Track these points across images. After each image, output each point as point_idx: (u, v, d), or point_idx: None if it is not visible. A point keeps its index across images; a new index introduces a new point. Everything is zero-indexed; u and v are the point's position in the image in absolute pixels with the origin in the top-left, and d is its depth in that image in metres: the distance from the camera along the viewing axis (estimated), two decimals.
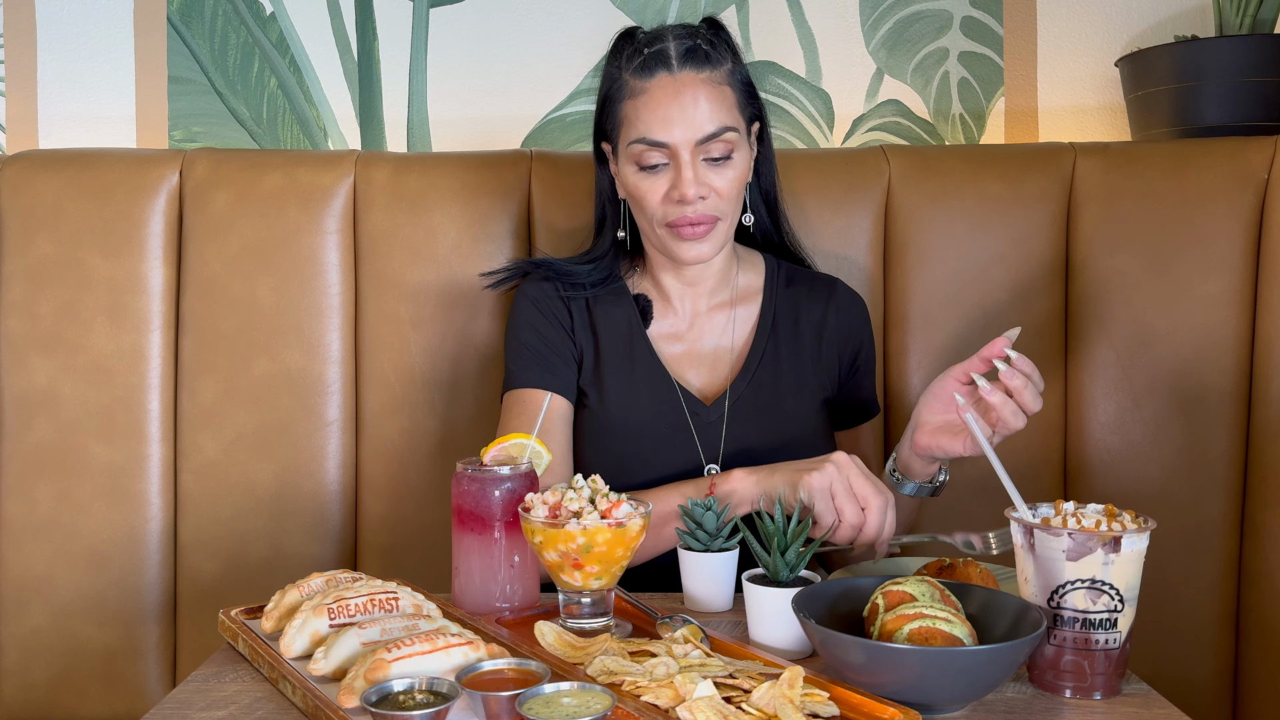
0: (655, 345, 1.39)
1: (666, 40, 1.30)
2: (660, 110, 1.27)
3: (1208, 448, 1.52)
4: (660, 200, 1.29)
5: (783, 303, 1.42)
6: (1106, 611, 0.94)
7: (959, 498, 1.56)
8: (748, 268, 1.44)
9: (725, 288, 1.42)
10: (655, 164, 1.28)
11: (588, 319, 1.40)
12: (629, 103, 1.30)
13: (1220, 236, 1.52)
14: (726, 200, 1.30)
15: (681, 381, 1.37)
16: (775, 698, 0.85)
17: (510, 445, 1.18)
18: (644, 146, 1.28)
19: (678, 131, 1.26)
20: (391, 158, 1.64)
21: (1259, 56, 1.61)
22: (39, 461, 1.58)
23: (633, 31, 1.34)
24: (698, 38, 1.30)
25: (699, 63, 1.28)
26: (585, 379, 1.38)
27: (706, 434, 1.35)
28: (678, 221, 1.28)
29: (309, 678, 0.93)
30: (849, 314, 1.44)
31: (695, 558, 1.14)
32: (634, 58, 1.30)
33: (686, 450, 1.34)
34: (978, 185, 1.57)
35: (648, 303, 1.41)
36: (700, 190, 1.27)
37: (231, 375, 1.59)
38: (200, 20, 1.94)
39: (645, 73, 1.28)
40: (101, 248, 1.58)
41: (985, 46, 1.91)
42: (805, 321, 1.42)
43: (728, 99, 1.29)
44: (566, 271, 1.41)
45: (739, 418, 1.35)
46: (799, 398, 1.38)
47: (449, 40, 1.93)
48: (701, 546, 1.14)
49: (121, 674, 1.59)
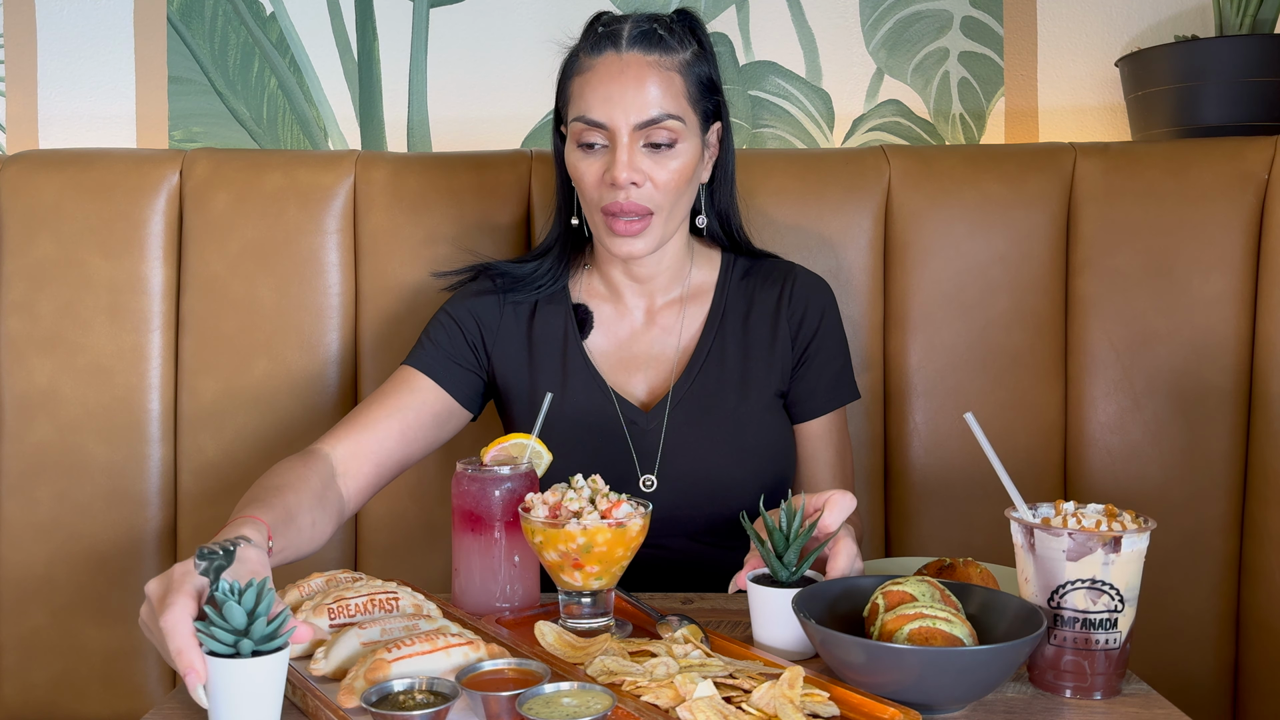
0: (593, 354, 1.35)
1: (625, 22, 1.27)
2: (602, 89, 1.23)
3: (1208, 448, 1.52)
4: (595, 183, 1.25)
5: (735, 297, 1.38)
6: (1106, 611, 0.94)
7: (959, 497, 1.56)
8: (703, 263, 1.40)
9: (678, 285, 1.38)
10: (594, 143, 1.25)
11: (526, 328, 1.37)
12: (576, 79, 1.27)
13: (1220, 236, 1.52)
14: (663, 193, 1.25)
15: (621, 389, 1.34)
16: (775, 698, 0.85)
17: (510, 445, 1.18)
18: (583, 125, 1.25)
19: (616, 112, 1.22)
20: (391, 158, 1.64)
21: (1259, 56, 1.61)
22: (39, 461, 1.58)
23: (602, 13, 1.32)
24: (656, 23, 1.27)
25: (649, 45, 1.25)
26: (516, 391, 1.36)
27: (643, 441, 1.31)
28: (610, 208, 1.24)
29: (309, 678, 0.93)
30: (804, 295, 1.36)
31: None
32: (590, 35, 1.28)
33: (620, 460, 1.31)
34: (978, 185, 1.57)
35: (587, 313, 1.37)
36: (633, 175, 1.22)
37: (231, 375, 1.59)
38: (200, 20, 1.94)
39: (594, 50, 1.26)
40: (101, 248, 1.58)
41: (985, 46, 1.91)
42: (758, 313, 1.36)
43: (675, 87, 1.25)
44: (515, 277, 1.38)
45: (679, 422, 1.32)
46: (746, 396, 1.33)
47: (449, 40, 1.93)
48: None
49: (121, 674, 1.59)
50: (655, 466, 1.31)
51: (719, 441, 1.31)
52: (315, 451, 1.25)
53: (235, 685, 0.82)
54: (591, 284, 1.40)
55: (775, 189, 1.58)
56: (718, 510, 1.32)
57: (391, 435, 1.30)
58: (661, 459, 1.31)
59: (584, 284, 1.40)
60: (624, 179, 1.22)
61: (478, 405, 1.39)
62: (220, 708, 0.83)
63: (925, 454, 1.57)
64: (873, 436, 1.59)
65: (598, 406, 1.33)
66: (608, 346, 1.37)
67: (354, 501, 1.28)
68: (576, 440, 1.30)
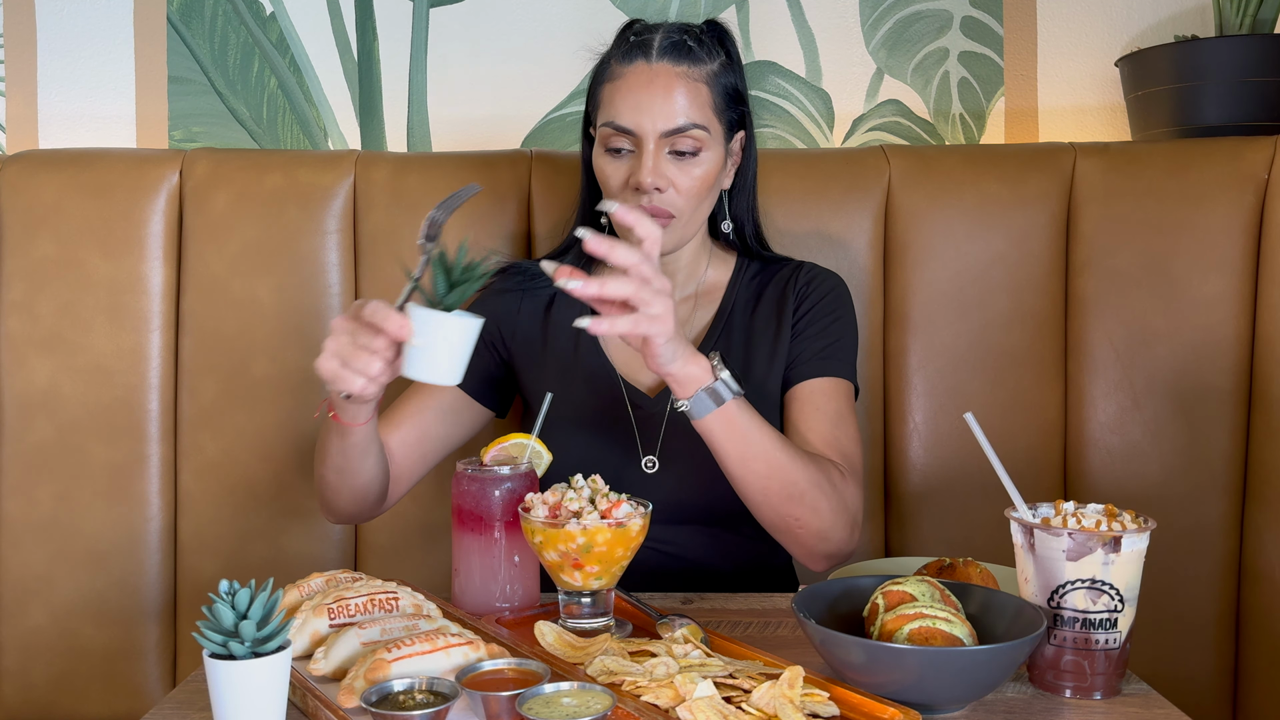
0: (604, 342, 1.39)
1: (656, 32, 1.31)
2: (631, 96, 1.28)
3: (1208, 448, 1.52)
4: (620, 186, 1.30)
5: (744, 294, 1.41)
6: (1106, 611, 0.94)
7: (959, 497, 1.56)
8: (719, 265, 1.44)
9: (692, 283, 1.42)
10: (620, 149, 1.30)
11: (542, 317, 1.42)
12: (607, 85, 1.32)
13: (1220, 236, 1.52)
14: (685, 198, 1.29)
15: (629, 376, 1.38)
16: (775, 698, 0.85)
17: (510, 445, 1.19)
18: (611, 130, 1.29)
19: (644, 119, 1.27)
20: (391, 158, 1.64)
21: (1259, 56, 1.61)
22: (39, 461, 1.58)
23: (635, 22, 1.36)
24: (687, 34, 1.31)
25: (678, 56, 1.29)
26: (530, 379, 1.40)
27: (647, 424, 1.35)
28: None
29: (309, 678, 0.93)
30: (808, 282, 1.39)
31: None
32: (622, 44, 1.33)
33: (624, 441, 1.34)
34: (978, 185, 1.58)
35: None
36: (658, 181, 1.27)
37: (231, 375, 1.59)
38: (200, 20, 1.94)
39: (626, 59, 1.30)
40: (101, 248, 1.58)
41: (985, 46, 1.91)
42: (764, 305, 1.39)
43: (702, 97, 1.29)
44: (534, 273, 1.43)
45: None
46: (748, 382, 1.33)
47: (449, 40, 1.93)
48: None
49: (121, 674, 1.59)
50: (657, 448, 1.34)
51: None
52: None
53: (236, 686, 0.82)
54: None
55: (775, 189, 1.58)
56: (717, 492, 1.32)
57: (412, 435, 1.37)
58: (663, 441, 1.34)
59: None
60: (649, 184, 1.27)
61: (496, 402, 1.44)
62: (222, 708, 0.83)
63: (925, 454, 1.57)
64: (873, 436, 1.59)
65: (605, 390, 1.37)
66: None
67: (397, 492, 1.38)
68: (582, 421, 1.34)
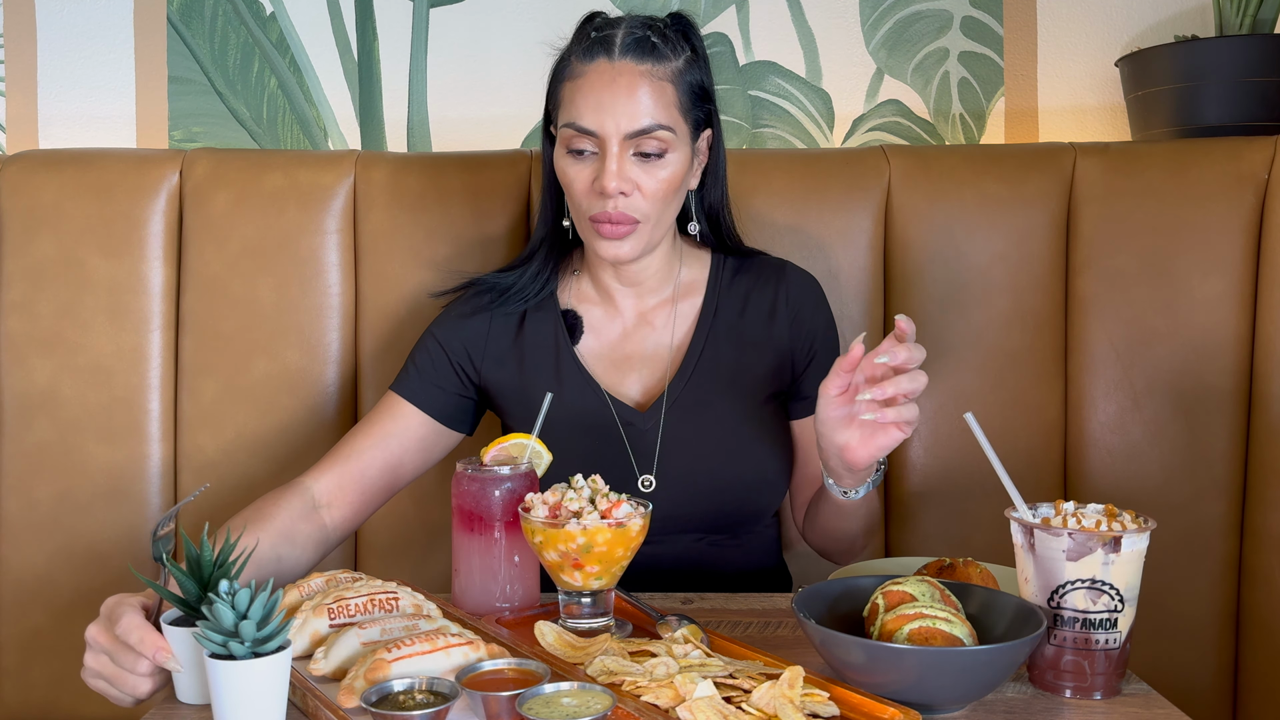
0: (585, 359, 1.35)
1: (619, 27, 1.26)
2: (593, 96, 1.22)
3: (1208, 448, 1.52)
4: (585, 190, 1.25)
5: (727, 294, 1.38)
6: (1106, 611, 0.94)
7: (959, 497, 1.56)
8: (693, 262, 1.40)
9: (668, 284, 1.38)
10: (583, 150, 1.24)
11: (515, 340, 1.37)
12: (568, 84, 1.26)
13: (1220, 236, 1.52)
14: (651, 201, 1.24)
15: (615, 392, 1.34)
16: (775, 698, 0.85)
17: (510, 445, 1.18)
18: (573, 132, 1.24)
19: (607, 121, 1.21)
20: (391, 158, 1.64)
21: (1259, 56, 1.61)
22: (39, 461, 1.58)
23: (595, 15, 1.30)
24: (650, 29, 1.26)
25: (641, 54, 1.23)
26: (511, 403, 1.36)
27: (640, 442, 1.31)
28: (598, 216, 1.24)
29: (309, 678, 0.93)
30: (800, 297, 1.37)
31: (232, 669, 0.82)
32: (583, 39, 1.27)
33: (619, 462, 1.31)
34: (978, 185, 1.57)
35: (576, 318, 1.37)
36: (622, 185, 1.22)
37: (231, 375, 1.59)
38: (200, 20, 1.94)
39: (587, 56, 1.25)
40: (101, 248, 1.58)
41: (985, 46, 1.91)
42: (753, 310, 1.36)
43: (667, 96, 1.23)
44: (502, 289, 1.37)
45: (676, 421, 1.31)
46: (741, 393, 1.33)
47: (449, 40, 1.93)
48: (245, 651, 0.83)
49: None
50: (654, 466, 1.31)
51: (716, 439, 1.31)
52: (297, 485, 1.30)
53: (236, 686, 0.82)
54: (581, 288, 1.40)
55: (775, 189, 1.58)
56: (718, 507, 1.32)
57: (375, 464, 1.33)
58: (660, 458, 1.31)
59: (573, 289, 1.40)
60: (613, 188, 1.22)
61: (468, 424, 1.41)
62: (222, 709, 0.83)
63: (925, 454, 1.57)
64: None
65: (593, 410, 1.33)
66: (600, 349, 1.37)
67: (341, 530, 1.32)
68: (573, 444, 1.29)
